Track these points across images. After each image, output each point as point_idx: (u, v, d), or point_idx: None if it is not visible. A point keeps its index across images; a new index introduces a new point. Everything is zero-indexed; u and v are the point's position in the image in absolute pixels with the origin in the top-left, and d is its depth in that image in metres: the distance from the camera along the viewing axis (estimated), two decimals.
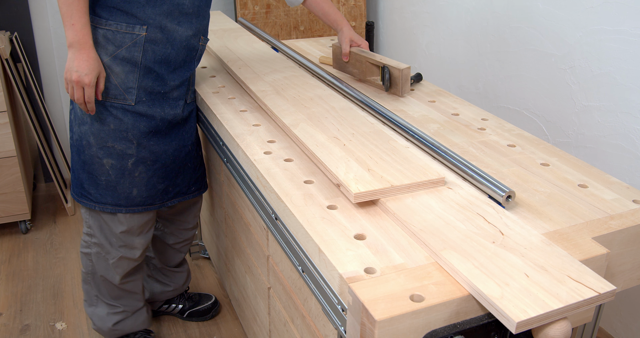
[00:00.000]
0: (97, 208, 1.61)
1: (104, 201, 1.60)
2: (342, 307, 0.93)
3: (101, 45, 1.45)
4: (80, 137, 1.55)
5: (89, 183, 1.59)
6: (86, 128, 1.53)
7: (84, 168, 1.58)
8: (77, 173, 1.61)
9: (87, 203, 1.62)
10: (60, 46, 2.87)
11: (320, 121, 1.41)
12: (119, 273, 1.71)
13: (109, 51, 1.46)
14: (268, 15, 2.86)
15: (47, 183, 3.06)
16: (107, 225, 1.65)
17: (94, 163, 1.56)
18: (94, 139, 1.53)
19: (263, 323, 1.58)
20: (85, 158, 1.56)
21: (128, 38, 1.45)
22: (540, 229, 1.04)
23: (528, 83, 2.17)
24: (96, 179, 1.58)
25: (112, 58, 1.46)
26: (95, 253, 1.69)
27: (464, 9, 2.45)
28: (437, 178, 1.15)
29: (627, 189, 1.19)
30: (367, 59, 1.74)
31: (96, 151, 1.54)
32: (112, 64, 1.47)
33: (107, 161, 1.55)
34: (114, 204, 1.60)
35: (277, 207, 1.17)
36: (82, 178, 1.60)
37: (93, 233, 1.67)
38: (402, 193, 1.12)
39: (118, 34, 1.45)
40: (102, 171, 1.57)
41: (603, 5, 1.83)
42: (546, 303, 0.82)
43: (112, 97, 1.49)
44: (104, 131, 1.52)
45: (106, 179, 1.57)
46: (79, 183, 1.62)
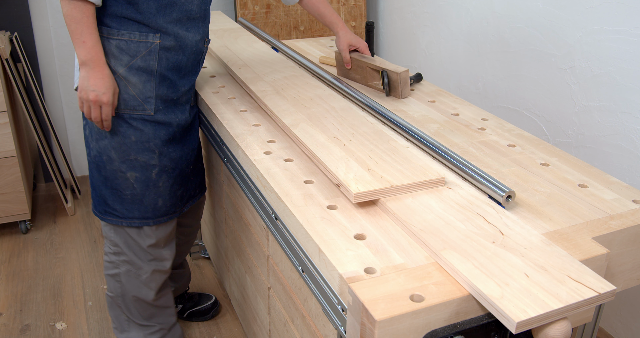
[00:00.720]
0: (124, 223, 1.55)
1: (131, 216, 1.55)
2: (342, 307, 0.93)
3: (115, 56, 1.41)
4: (100, 152, 1.50)
5: (114, 198, 1.54)
6: (106, 142, 1.48)
7: (106, 184, 1.53)
8: (99, 190, 1.55)
9: (113, 220, 1.56)
10: (60, 46, 2.87)
11: (320, 121, 1.41)
12: (153, 288, 1.66)
13: (124, 61, 1.42)
14: (268, 15, 2.86)
15: (47, 183, 3.06)
16: (134, 240, 1.59)
17: (117, 177, 1.51)
18: (115, 153, 1.49)
19: (263, 323, 1.58)
20: (107, 173, 1.51)
21: (142, 47, 1.42)
22: (540, 229, 1.04)
23: (528, 83, 2.17)
24: (120, 194, 1.53)
25: (127, 69, 1.43)
26: (125, 271, 1.63)
27: (464, 9, 2.45)
28: (437, 178, 1.15)
29: (627, 189, 1.19)
30: (367, 65, 1.74)
31: (119, 165, 1.50)
32: (129, 75, 1.43)
33: (131, 174, 1.51)
34: (142, 218, 1.56)
35: (277, 207, 1.17)
36: (105, 194, 1.54)
37: (120, 251, 1.61)
38: (402, 193, 1.12)
39: (132, 44, 1.41)
40: (127, 185, 1.52)
41: (603, 5, 1.83)
42: (546, 303, 0.82)
43: (130, 108, 1.46)
44: (125, 144, 1.48)
45: (131, 193, 1.53)
46: (101, 200, 1.56)
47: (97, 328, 2.03)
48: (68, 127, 3.03)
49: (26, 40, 2.78)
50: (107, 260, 1.65)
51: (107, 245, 1.63)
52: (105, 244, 1.64)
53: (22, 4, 2.71)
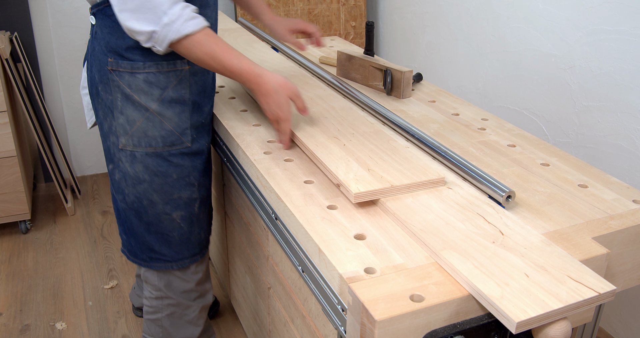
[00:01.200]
0: (174, 267, 1.46)
1: (181, 257, 1.46)
2: (342, 307, 0.93)
3: (145, 91, 1.29)
4: (139, 198, 1.38)
5: (161, 243, 1.44)
6: (145, 186, 1.37)
7: (149, 229, 1.42)
8: (142, 238, 1.44)
9: (161, 266, 1.46)
10: (60, 46, 2.87)
11: (320, 121, 1.41)
12: (201, 324, 1.60)
13: (155, 95, 1.30)
14: None
15: (47, 183, 3.06)
16: (180, 280, 1.51)
17: (162, 220, 1.41)
18: (157, 195, 1.38)
19: (263, 323, 1.58)
20: (150, 218, 1.40)
21: (173, 76, 1.30)
22: (540, 229, 1.04)
23: (528, 83, 2.17)
24: (168, 237, 1.43)
25: (160, 103, 1.31)
26: (169, 314, 1.55)
27: (464, 9, 2.45)
28: (437, 178, 1.15)
29: (627, 189, 1.19)
30: (370, 64, 1.74)
31: (163, 208, 1.39)
32: (162, 109, 1.32)
33: (176, 214, 1.41)
34: (191, 256, 1.48)
35: (277, 207, 1.17)
36: (150, 241, 1.43)
37: (165, 295, 1.52)
38: (402, 193, 1.12)
39: (161, 75, 1.29)
40: (174, 227, 1.42)
41: (603, 5, 1.83)
42: (546, 303, 0.82)
43: (169, 145, 1.35)
44: (167, 183, 1.37)
45: (179, 233, 1.44)
46: (146, 247, 1.45)
47: (97, 328, 2.03)
48: (68, 127, 3.03)
49: (26, 40, 2.78)
50: (148, 305, 1.55)
51: (148, 290, 1.53)
52: (145, 288, 1.54)
53: (22, 4, 2.71)
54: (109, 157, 1.39)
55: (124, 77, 1.29)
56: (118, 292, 2.22)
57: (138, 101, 1.30)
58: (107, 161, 1.41)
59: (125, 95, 1.30)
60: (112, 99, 1.32)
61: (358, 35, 3.05)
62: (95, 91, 1.35)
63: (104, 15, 1.27)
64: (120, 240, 1.59)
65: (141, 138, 1.33)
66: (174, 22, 1.16)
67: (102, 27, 1.28)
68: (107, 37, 1.28)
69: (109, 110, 1.33)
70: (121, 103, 1.31)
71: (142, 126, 1.32)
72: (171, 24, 1.16)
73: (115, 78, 1.29)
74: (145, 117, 1.32)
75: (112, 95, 1.31)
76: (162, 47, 1.19)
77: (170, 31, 1.17)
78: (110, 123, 1.35)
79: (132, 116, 1.32)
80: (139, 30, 1.17)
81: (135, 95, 1.30)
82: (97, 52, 1.31)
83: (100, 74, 1.31)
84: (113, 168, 1.40)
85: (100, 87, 1.33)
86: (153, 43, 1.19)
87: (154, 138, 1.33)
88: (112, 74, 1.29)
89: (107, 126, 1.36)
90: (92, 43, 1.33)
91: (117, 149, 1.36)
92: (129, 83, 1.29)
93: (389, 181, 1.12)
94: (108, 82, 1.31)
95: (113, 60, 1.28)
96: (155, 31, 1.17)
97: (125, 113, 1.32)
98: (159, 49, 1.20)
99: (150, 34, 1.17)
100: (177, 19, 1.16)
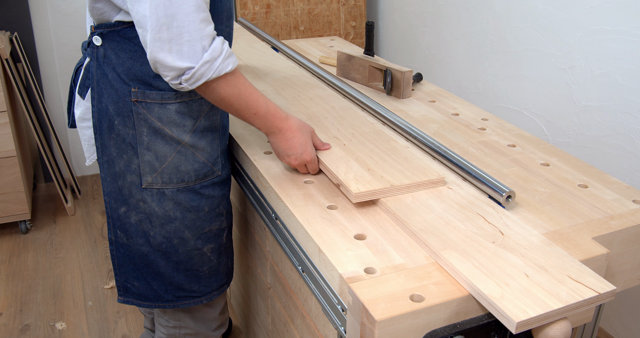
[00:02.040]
0: (202, 301, 1.36)
1: (210, 290, 1.36)
2: (342, 307, 0.93)
3: (177, 123, 1.17)
4: (168, 238, 1.26)
5: (190, 281, 1.32)
6: (176, 224, 1.25)
7: (179, 268, 1.30)
8: (170, 278, 1.31)
9: (190, 303, 1.35)
10: (60, 46, 2.87)
11: (320, 121, 1.41)
12: None
13: (188, 126, 1.18)
14: (268, 15, 2.86)
15: (47, 183, 3.06)
16: (203, 312, 1.43)
17: (193, 257, 1.30)
18: (189, 232, 1.27)
19: (263, 323, 1.58)
20: (180, 257, 1.29)
21: (205, 104, 1.20)
22: (540, 229, 1.04)
23: (528, 83, 2.17)
24: (197, 272, 1.32)
25: (192, 134, 1.19)
26: None
27: (464, 9, 2.45)
28: (437, 178, 1.15)
29: (627, 189, 1.19)
30: (370, 64, 1.74)
31: (194, 244, 1.28)
32: (195, 141, 1.20)
33: (207, 248, 1.31)
34: (219, 288, 1.38)
35: (277, 207, 1.17)
36: (180, 280, 1.31)
37: (184, 325, 1.43)
38: (402, 193, 1.12)
39: (194, 104, 1.18)
40: (204, 261, 1.32)
41: (603, 5, 1.83)
42: (546, 303, 0.82)
43: (202, 177, 1.24)
44: (199, 218, 1.27)
45: (208, 267, 1.33)
46: (173, 287, 1.32)
47: (97, 328, 2.03)
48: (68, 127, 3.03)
49: (26, 40, 2.78)
50: (164, 332, 1.45)
51: (165, 319, 1.43)
52: (160, 316, 1.44)
53: (22, 4, 2.71)
54: (120, 199, 1.24)
55: (152, 109, 1.15)
56: None
57: (170, 134, 1.18)
58: (117, 204, 1.25)
59: (153, 129, 1.17)
60: (134, 134, 1.17)
61: (358, 35, 3.05)
62: (109, 125, 1.19)
63: (123, 38, 1.12)
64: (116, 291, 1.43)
65: (172, 174, 1.21)
66: (216, 59, 1.03)
67: (118, 51, 1.14)
68: (128, 63, 1.14)
69: (128, 147, 1.19)
70: (148, 138, 1.18)
71: (174, 161, 1.20)
72: (212, 62, 1.03)
73: (142, 110, 1.15)
74: (177, 152, 1.20)
75: (135, 130, 1.17)
76: (193, 86, 1.04)
77: (210, 70, 1.03)
78: (128, 161, 1.20)
79: (162, 151, 1.19)
80: (171, 66, 1.01)
81: (166, 128, 1.17)
82: (111, 80, 1.16)
83: (118, 106, 1.16)
84: (127, 210, 1.24)
85: (117, 121, 1.18)
86: (182, 80, 1.03)
87: (186, 172, 1.22)
88: (136, 106, 1.15)
89: (122, 165, 1.21)
90: (99, 69, 1.17)
91: (137, 189, 1.22)
92: (159, 116, 1.16)
93: (389, 181, 1.12)
94: (130, 116, 1.16)
95: (138, 90, 1.14)
96: (191, 68, 1.02)
97: (154, 149, 1.18)
98: (185, 86, 1.05)
99: (184, 71, 1.02)
100: (218, 57, 1.03)
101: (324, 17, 2.96)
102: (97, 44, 1.15)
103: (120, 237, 1.28)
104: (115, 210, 1.26)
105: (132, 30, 1.11)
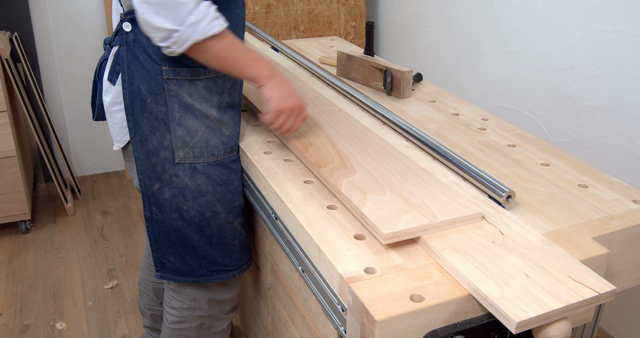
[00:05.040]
0: (235, 275, 1.42)
1: (241, 264, 1.42)
2: (342, 307, 0.93)
3: (206, 98, 1.25)
4: (201, 211, 1.31)
5: (223, 254, 1.38)
6: (208, 197, 1.31)
7: (211, 242, 1.35)
8: (203, 252, 1.36)
9: (223, 277, 1.40)
10: (60, 46, 2.87)
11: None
12: (226, 337, 1.56)
13: (214, 101, 1.26)
14: (268, 15, 2.86)
15: (47, 183, 3.06)
16: (220, 294, 1.47)
17: (224, 230, 1.35)
18: (221, 205, 1.32)
19: (263, 323, 1.58)
20: (213, 231, 1.34)
21: (228, 80, 1.27)
22: (540, 229, 1.04)
23: (528, 83, 2.17)
24: (229, 246, 1.38)
25: (218, 109, 1.27)
26: (197, 326, 1.49)
27: (464, 9, 2.45)
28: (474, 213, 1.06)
29: (627, 189, 1.19)
30: (370, 64, 1.74)
31: (226, 217, 1.34)
32: (221, 115, 1.28)
33: (237, 222, 1.37)
34: (247, 262, 1.44)
35: (277, 207, 1.17)
36: (213, 253, 1.37)
37: (199, 306, 1.47)
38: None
39: (219, 80, 1.25)
40: (235, 234, 1.38)
41: (603, 5, 1.83)
42: (546, 303, 0.82)
43: (229, 151, 1.31)
44: (230, 192, 1.33)
45: (239, 240, 1.39)
46: (207, 261, 1.37)
47: (97, 328, 2.03)
48: (68, 127, 3.03)
49: (26, 40, 2.78)
50: (177, 315, 1.48)
51: (180, 300, 1.46)
52: (174, 298, 1.47)
53: (22, 4, 2.71)
54: (154, 176, 1.29)
55: (183, 85, 1.22)
56: (118, 292, 2.22)
57: (199, 109, 1.25)
58: (150, 181, 1.30)
59: (184, 105, 1.23)
60: (166, 111, 1.24)
61: (358, 35, 3.05)
62: (141, 104, 1.24)
63: None
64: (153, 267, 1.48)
65: (203, 149, 1.27)
66: (200, 21, 1.08)
67: None
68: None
69: (161, 123, 1.25)
70: (179, 114, 1.24)
71: (204, 135, 1.27)
72: (197, 24, 1.08)
73: (173, 87, 1.22)
74: (206, 126, 1.26)
75: (166, 106, 1.23)
76: (181, 48, 1.11)
77: (196, 32, 1.09)
78: (161, 138, 1.26)
79: (192, 126, 1.25)
80: (158, 27, 1.07)
81: (196, 103, 1.24)
82: (143, 61, 1.22)
83: (150, 85, 1.22)
84: (160, 186, 1.30)
85: (149, 99, 1.23)
86: (170, 43, 1.10)
87: (215, 146, 1.28)
88: (167, 84, 1.22)
89: (155, 142, 1.27)
90: (129, 52, 1.23)
91: (170, 165, 1.28)
92: (189, 91, 1.23)
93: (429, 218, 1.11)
94: (162, 93, 1.22)
95: (169, 68, 1.21)
96: (177, 30, 1.08)
97: (185, 124, 1.25)
98: (175, 50, 1.11)
99: (170, 33, 1.08)
100: (203, 19, 1.09)
101: (324, 17, 2.96)
102: (127, 30, 1.22)
103: (155, 213, 1.33)
104: (149, 187, 1.31)
105: None
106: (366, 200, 1.05)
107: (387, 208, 1.02)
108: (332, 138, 1.32)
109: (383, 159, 1.22)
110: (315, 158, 1.21)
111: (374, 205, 1.03)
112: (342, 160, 1.21)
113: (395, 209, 1.02)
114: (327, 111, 1.49)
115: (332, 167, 1.18)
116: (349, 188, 1.09)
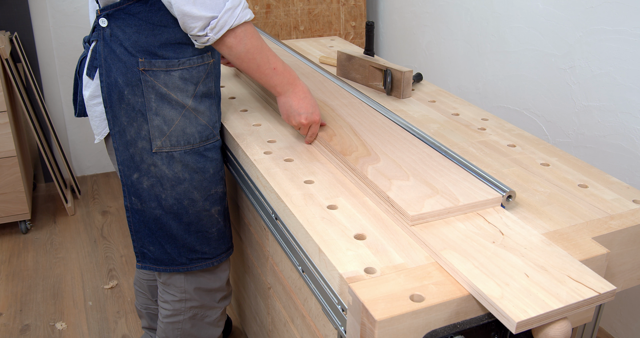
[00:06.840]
0: (214, 263, 1.46)
1: (219, 252, 1.46)
2: (342, 307, 0.93)
3: (181, 89, 1.28)
4: (179, 199, 1.36)
5: (201, 242, 1.42)
6: (185, 185, 1.35)
7: (190, 230, 1.40)
8: (182, 240, 1.40)
9: (202, 265, 1.44)
10: (60, 46, 2.87)
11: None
12: (222, 325, 1.59)
13: (190, 91, 1.30)
14: (268, 15, 2.86)
15: (47, 183, 3.06)
16: (209, 280, 1.50)
17: (202, 218, 1.40)
18: (198, 193, 1.37)
19: (263, 323, 1.58)
20: (191, 218, 1.38)
21: (202, 71, 1.31)
22: (540, 229, 1.04)
23: (528, 83, 2.17)
24: (207, 234, 1.42)
25: (194, 99, 1.31)
26: (190, 317, 1.52)
27: (464, 9, 2.45)
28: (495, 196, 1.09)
29: (627, 189, 1.19)
30: (370, 64, 1.74)
31: (202, 204, 1.38)
32: (197, 105, 1.32)
33: (215, 210, 1.41)
34: (226, 250, 1.48)
35: (277, 207, 1.17)
36: (191, 241, 1.41)
37: (190, 297, 1.50)
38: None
39: (194, 70, 1.29)
40: (212, 222, 1.42)
41: (603, 5, 1.83)
42: (546, 303, 0.82)
43: (204, 139, 1.35)
44: (206, 179, 1.37)
45: (217, 229, 1.43)
46: (186, 249, 1.41)
47: (97, 328, 2.03)
48: (68, 127, 3.03)
49: (26, 40, 2.78)
50: (169, 308, 1.51)
51: (171, 293, 1.50)
52: (165, 291, 1.51)
53: (22, 4, 2.71)
54: (132, 166, 1.33)
55: (159, 76, 1.26)
56: (118, 292, 2.22)
57: (175, 99, 1.28)
58: (129, 171, 1.34)
59: (160, 95, 1.27)
60: (143, 101, 1.27)
61: (358, 35, 3.05)
62: (118, 96, 1.28)
63: (128, 14, 1.22)
64: (135, 258, 1.53)
65: (179, 137, 1.31)
66: (236, 7, 1.15)
67: (125, 28, 1.23)
68: (134, 37, 1.23)
69: (138, 114, 1.28)
70: (156, 104, 1.28)
71: (180, 124, 1.31)
72: (234, 10, 1.14)
73: (149, 78, 1.26)
74: (182, 115, 1.30)
75: (143, 97, 1.27)
76: (217, 35, 1.16)
77: (232, 17, 1.15)
78: (138, 128, 1.30)
79: (169, 115, 1.29)
80: (198, 15, 1.12)
81: (172, 93, 1.28)
82: (119, 54, 1.25)
83: (127, 77, 1.26)
84: (139, 176, 1.34)
85: (127, 91, 1.27)
86: (208, 31, 1.15)
87: (191, 134, 1.33)
88: (144, 75, 1.25)
89: (133, 132, 1.30)
90: (106, 47, 1.26)
91: (148, 154, 1.32)
92: (165, 82, 1.26)
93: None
94: (138, 84, 1.26)
95: (145, 60, 1.24)
96: (215, 17, 1.13)
97: (162, 114, 1.29)
98: (212, 37, 1.16)
99: (209, 20, 1.14)
100: (238, 5, 1.15)
101: (324, 17, 2.96)
102: (103, 25, 1.25)
103: (135, 203, 1.37)
104: (128, 177, 1.35)
105: (135, 6, 1.21)
106: (392, 185, 1.09)
107: (411, 192, 1.07)
108: (355, 128, 1.35)
109: (405, 148, 1.25)
110: (340, 147, 1.26)
111: (399, 190, 1.07)
112: (365, 149, 1.25)
113: (420, 193, 1.06)
114: (348, 103, 1.50)
115: (357, 155, 1.22)
116: (375, 174, 1.14)
